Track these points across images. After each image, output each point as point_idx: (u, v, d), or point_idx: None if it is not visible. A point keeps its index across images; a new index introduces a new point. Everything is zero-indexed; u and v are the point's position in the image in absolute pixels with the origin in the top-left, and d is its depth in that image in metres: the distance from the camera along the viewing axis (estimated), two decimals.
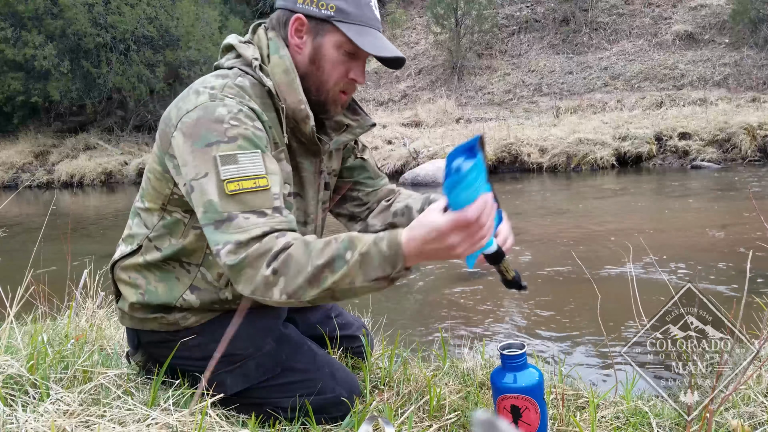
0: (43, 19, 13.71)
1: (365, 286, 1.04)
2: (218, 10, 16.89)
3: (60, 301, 2.34)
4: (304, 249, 1.06)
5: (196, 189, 1.13)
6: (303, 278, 1.04)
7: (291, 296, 1.06)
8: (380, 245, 1.03)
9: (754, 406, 1.31)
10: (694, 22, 14.71)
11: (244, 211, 1.10)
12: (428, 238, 1.00)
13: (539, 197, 8.09)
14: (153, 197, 1.30)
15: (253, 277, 1.06)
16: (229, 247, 1.07)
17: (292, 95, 1.25)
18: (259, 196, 1.12)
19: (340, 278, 1.04)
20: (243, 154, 1.13)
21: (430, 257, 1.04)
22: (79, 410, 1.20)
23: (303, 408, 1.31)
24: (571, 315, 3.34)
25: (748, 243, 4.46)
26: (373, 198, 1.56)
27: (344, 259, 1.04)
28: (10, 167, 14.55)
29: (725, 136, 9.49)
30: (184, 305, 1.31)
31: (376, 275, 1.03)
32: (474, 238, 1.00)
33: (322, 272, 1.04)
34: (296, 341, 1.40)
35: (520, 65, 15.68)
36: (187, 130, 1.15)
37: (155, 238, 1.30)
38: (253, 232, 1.08)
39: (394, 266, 1.03)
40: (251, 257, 1.06)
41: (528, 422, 1.15)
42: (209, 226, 1.11)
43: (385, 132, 12.15)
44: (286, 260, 1.06)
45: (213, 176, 1.11)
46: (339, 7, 1.22)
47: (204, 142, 1.13)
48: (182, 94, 1.24)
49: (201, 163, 1.13)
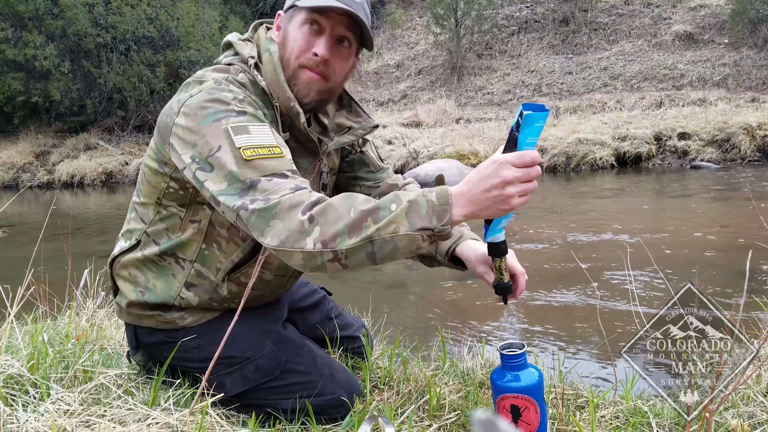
0: (44, 19, 13.71)
1: (408, 237, 1.00)
2: (218, 10, 16.89)
3: (60, 300, 2.34)
4: (344, 198, 1.04)
5: (215, 165, 1.09)
6: (343, 224, 1.01)
7: (326, 244, 1.01)
8: (429, 196, 1.03)
9: (754, 405, 1.31)
10: (693, 23, 14.71)
11: (265, 175, 1.08)
12: (484, 173, 1.00)
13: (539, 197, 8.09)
14: (148, 192, 1.30)
15: (285, 227, 1.02)
16: (258, 203, 1.04)
17: (282, 92, 1.24)
18: (277, 161, 1.10)
19: (384, 225, 1.00)
20: (254, 126, 1.13)
21: (479, 202, 1.02)
22: (79, 410, 1.20)
23: (303, 409, 1.31)
24: (571, 315, 3.34)
25: (748, 243, 4.46)
26: (375, 193, 1.53)
27: (389, 209, 1.02)
28: (10, 167, 14.54)
29: (724, 136, 9.49)
30: (182, 303, 1.31)
31: (422, 224, 1.00)
32: (530, 184, 1.01)
33: (364, 219, 1.01)
34: (296, 343, 1.39)
35: (519, 65, 15.67)
36: (191, 111, 1.14)
37: (153, 233, 1.30)
38: (282, 191, 1.05)
39: (440, 218, 1.01)
40: (284, 206, 1.03)
41: (528, 422, 1.15)
42: (232, 195, 1.07)
43: (385, 132, 12.15)
44: (324, 208, 1.02)
45: (227, 147, 1.09)
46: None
47: (212, 118, 1.12)
48: (183, 85, 1.24)
49: (212, 138, 1.10)
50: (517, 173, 0.99)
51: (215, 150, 1.10)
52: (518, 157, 0.99)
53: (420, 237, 1.01)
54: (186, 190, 1.25)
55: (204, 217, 1.27)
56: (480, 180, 1.01)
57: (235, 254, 1.29)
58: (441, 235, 1.02)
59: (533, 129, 1.00)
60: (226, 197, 1.08)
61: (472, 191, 1.01)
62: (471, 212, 1.03)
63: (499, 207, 1.02)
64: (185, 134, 1.14)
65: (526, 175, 1.00)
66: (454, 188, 1.04)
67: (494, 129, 11.47)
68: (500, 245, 1.18)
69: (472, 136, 11.02)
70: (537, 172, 1.01)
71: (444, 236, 1.03)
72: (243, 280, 1.32)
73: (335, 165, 1.49)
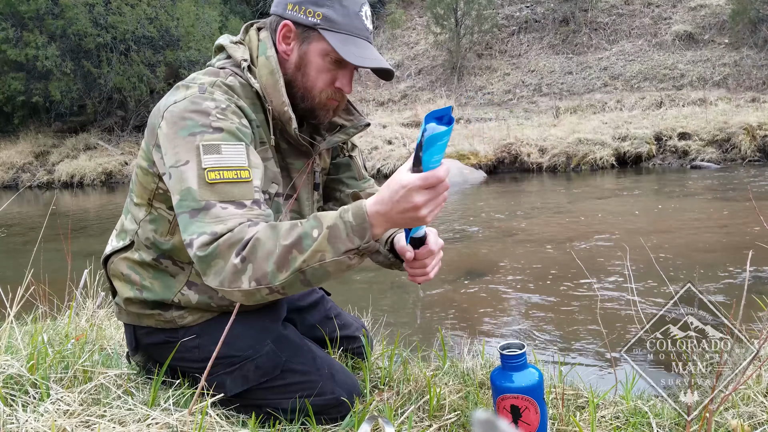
0: (44, 19, 13.72)
1: (336, 261, 1.03)
2: (218, 10, 16.91)
3: (60, 301, 2.34)
4: (270, 232, 1.05)
5: (174, 176, 1.11)
6: (272, 261, 1.02)
7: (260, 282, 1.03)
8: (345, 217, 1.04)
9: (754, 405, 1.31)
10: (693, 23, 14.71)
11: (222, 200, 1.08)
12: (395, 198, 1.01)
13: (539, 197, 8.09)
14: (140, 192, 1.30)
15: (222, 268, 1.04)
16: (203, 238, 1.05)
17: (277, 97, 1.25)
18: (239, 187, 1.10)
19: (309, 256, 1.02)
20: (226, 145, 1.12)
21: (395, 221, 1.04)
22: (79, 410, 1.20)
23: (303, 409, 1.31)
24: (571, 315, 3.34)
25: (748, 243, 4.46)
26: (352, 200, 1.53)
27: (312, 237, 1.03)
28: (10, 167, 14.55)
29: (725, 136, 9.50)
30: (182, 301, 1.31)
31: (345, 248, 1.03)
32: (439, 199, 1.02)
33: (290, 252, 1.02)
34: (296, 342, 1.39)
35: (519, 65, 15.68)
36: (171, 119, 1.14)
37: (143, 234, 1.31)
38: (229, 223, 1.06)
39: (362, 236, 1.03)
40: (222, 247, 1.04)
41: (528, 422, 1.15)
42: (184, 214, 1.08)
43: (385, 132, 12.15)
44: (254, 246, 1.03)
45: (194, 164, 1.10)
46: (326, 16, 1.22)
47: (188, 131, 1.12)
48: (173, 88, 1.23)
49: (183, 151, 1.11)
50: (427, 196, 1.01)
51: (182, 163, 1.11)
52: (424, 180, 1.00)
53: (347, 258, 1.04)
54: None
55: None
56: (392, 204, 1.02)
57: None
58: (366, 250, 1.05)
59: (437, 147, 1.00)
60: (180, 217, 1.10)
61: (388, 213, 1.03)
62: (389, 227, 1.06)
63: (413, 223, 1.05)
64: (163, 140, 1.15)
65: (434, 195, 1.02)
66: (368, 206, 1.04)
67: (494, 129, 11.47)
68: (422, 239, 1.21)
69: (472, 136, 11.02)
70: (444, 189, 1.03)
71: (370, 250, 1.06)
72: None
73: (326, 164, 1.50)
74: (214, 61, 1.33)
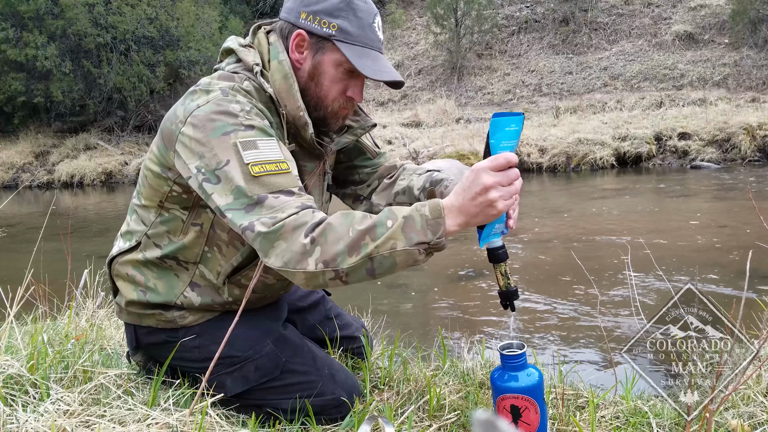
0: (44, 19, 13.71)
1: (406, 251, 1.04)
2: (218, 10, 16.89)
3: (60, 301, 2.34)
4: (343, 218, 1.07)
5: (222, 179, 1.11)
6: (343, 244, 1.04)
7: (328, 264, 1.04)
8: (422, 210, 1.05)
9: (754, 406, 1.31)
10: (693, 23, 14.70)
11: (272, 191, 1.10)
12: (466, 184, 1.04)
13: (539, 197, 8.09)
14: (150, 195, 1.30)
15: (288, 248, 1.05)
16: (264, 219, 1.06)
17: (291, 101, 1.25)
18: (284, 177, 1.12)
19: (382, 242, 1.03)
20: (261, 141, 1.14)
21: (468, 210, 1.05)
22: (79, 410, 1.20)
23: (303, 409, 1.31)
24: (571, 315, 3.34)
25: (748, 243, 4.46)
26: (374, 177, 1.56)
27: (385, 226, 1.04)
28: (10, 167, 14.54)
29: (725, 136, 9.49)
30: (184, 302, 1.31)
31: (418, 239, 1.03)
32: (510, 187, 1.04)
33: (362, 238, 1.04)
34: (296, 343, 1.40)
35: (519, 65, 15.67)
36: (199, 123, 1.14)
37: (154, 235, 1.31)
38: (288, 210, 1.07)
39: (435, 231, 1.04)
40: (288, 228, 1.05)
41: (528, 422, 1.15)
42: (239, 211, 1.09)
43: (385, 132, 12.15)
44: (325, 229, 1.05)
45: (235, 162, 1.11)
46: (341, 27, 1.23)
47: (221, 131, 1.13)
48: (188, 93, 1.23)
49: (221, 151, 1.12)
50: (496, 177, 1.03)
51: (223, 164, 1.11)
52: (492, 160, 1.03)
53: (417, 251, 1.04)
54: (190, 193, 1.25)
55: (206, 220, 1.27)
56: (465, 190, 1.05)
57: (234, 258, 1.29)
58: (436, 247, 1.06)
59: (504, 133, 1.04)
60: (234, 213, 1.10)
61: (461, 202, 1.05)
62: (463, 221, 1.06)
63: (486, 213, 1.05)
64: (193, 144, 1.14)
65: (504, 178, 1.04)
66: (445, 200, 1.07)
67: None
68: (498, 251, 1.18)
69: (472, 136, 11.02)
70: (515, 174, 1.05)
71: (439, 248, 1.06)
72: (244, 282, 1.32)
73: (333, 162, 1.52)
74: (223, 64, 1.32)
